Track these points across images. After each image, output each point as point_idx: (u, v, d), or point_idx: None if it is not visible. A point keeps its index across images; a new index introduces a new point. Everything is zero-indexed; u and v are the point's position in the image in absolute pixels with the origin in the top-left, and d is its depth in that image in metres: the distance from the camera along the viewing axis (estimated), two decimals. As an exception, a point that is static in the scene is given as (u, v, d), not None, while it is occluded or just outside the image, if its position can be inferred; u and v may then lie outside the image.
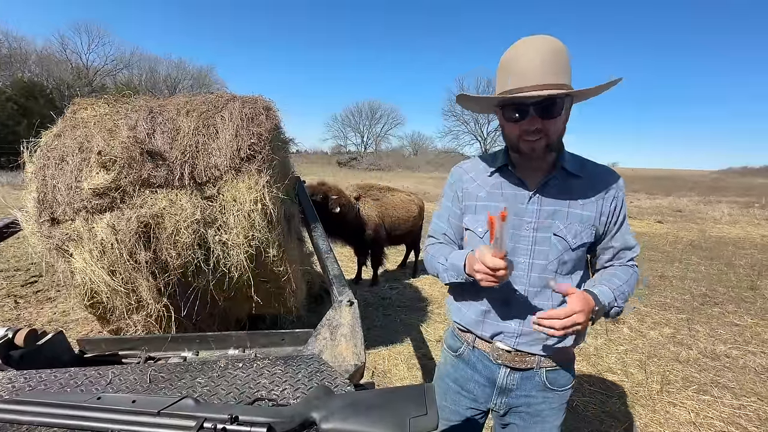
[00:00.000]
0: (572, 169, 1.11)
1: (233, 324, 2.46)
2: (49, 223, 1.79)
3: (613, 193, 1.12)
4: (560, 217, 1.10)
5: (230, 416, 0.67)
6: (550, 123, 1.01)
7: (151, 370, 0.90)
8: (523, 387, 1.21)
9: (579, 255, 1.13)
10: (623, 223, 1.15)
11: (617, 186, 1.13)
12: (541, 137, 1.02)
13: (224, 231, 1.90)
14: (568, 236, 1.09)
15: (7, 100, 20.29)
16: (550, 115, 1.00)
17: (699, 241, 8.34)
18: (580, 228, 1.09)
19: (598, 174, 1.13)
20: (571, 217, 1.10)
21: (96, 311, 1.94)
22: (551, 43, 0.98)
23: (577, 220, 1.10)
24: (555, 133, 1.04)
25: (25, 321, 3.34)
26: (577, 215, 1.10)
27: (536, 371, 1.19)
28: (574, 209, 1.10)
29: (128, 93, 2.23)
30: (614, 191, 1.12)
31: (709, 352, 3.47)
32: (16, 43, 29.91)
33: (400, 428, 0.66)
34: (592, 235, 1.11)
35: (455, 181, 1.28)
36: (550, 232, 1.10)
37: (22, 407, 0.72)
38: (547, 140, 1.03)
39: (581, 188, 1.11)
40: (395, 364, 3.11)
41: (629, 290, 1.13)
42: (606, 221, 1.12)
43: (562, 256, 1.11)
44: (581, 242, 1.10)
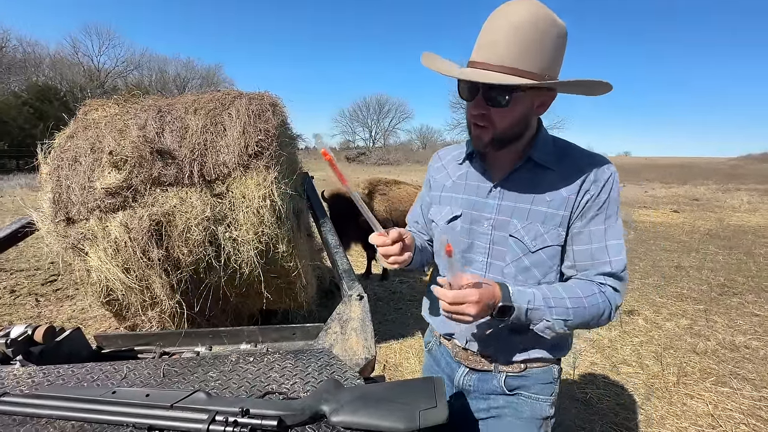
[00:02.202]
0: (542, 159, 0.93)
1: (246, 319, 2.49)
2: (64, 223, 1.83)
3: (589, 186, 0.90)
4: (519, 216, 0.94)
5: (241, 409, 0.68)
6: (497, 113, 0.85)
7: (164, 364, 0.92)
8: (480, 388, 1.07)
9: (544, 260, 0.94)
10: (595, 222, 0.91)
11: (597, 176, 0.90)
12: (487, 126, 0.88)
13: (234, 228, 1.92)
14: (525, 238, 0.93)
15: (23, 104, 20.83)
16: (495, 103, 0.84)
17: (717, 230, 8.13)
18: (542, 229, 0.92)
19: (577, 164, 0.92)
20: (532, 215, 0.93)
21: (112, 308, 1.98)
22: (530, 15, 0.77)
23: (539, 220, 0.92)
24: (502, 125, 0.87)
25: (46, 318, 3.44)
26: (541, 214, 0.92)
27: (494, 374, 1.04)
28: (538, 206, 0.93)
29: (137, 93, 2.26)
30: (591, 183, 0.90)
31: (727, 343, 3.39)
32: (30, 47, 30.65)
33: (409, 421, 0.66)
34: (560, 238, 0.92)
35: (429, 167, 1.20)
36: (507, 231, 0.95)
37: (41, 401, 0.74)
38: (492, 131, 0.87)
39: (552, 182, 0.92)
40: (406, 357, 3.12)
41: (578, 312, 0.86)
42: (570, 217, 0.92)
43: (521, 260, 0.95)
44: (543, 245, 0.92)
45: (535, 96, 0.87)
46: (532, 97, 0.86)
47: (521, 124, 0.90)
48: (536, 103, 0.88)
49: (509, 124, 0.87)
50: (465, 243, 1.02)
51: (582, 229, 0.91)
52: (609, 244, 0.90)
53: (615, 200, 0.92)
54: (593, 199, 0.90)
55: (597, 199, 0.90)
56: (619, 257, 0.90)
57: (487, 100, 0.84)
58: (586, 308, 0.87)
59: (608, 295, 0.89)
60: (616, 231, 0.92)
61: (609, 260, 0.90)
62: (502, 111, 0.85)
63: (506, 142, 0.91)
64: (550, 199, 0.91)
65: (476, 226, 1.00)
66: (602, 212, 0.90)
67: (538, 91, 0.86)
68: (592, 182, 0.90)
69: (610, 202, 0.91)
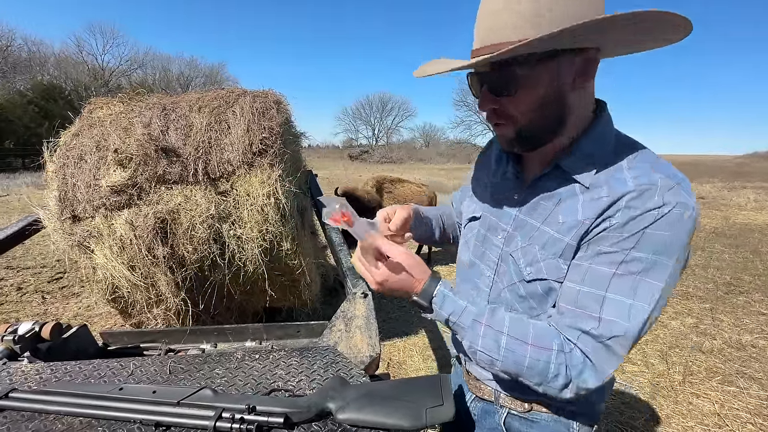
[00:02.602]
0: (573, 167, 0.69)
1: (250, 317, 2.50)
2: (70, 221, 1.84)
3: (615, 212, 0.63)
4: (524, 234, 0.75)
5: (248, 406, 0.68)
6: (509, 102, 0.67)
7: (170, 361, 0.92)
8: (483, 422, 0.91)
9: (540, 294, 0.73)
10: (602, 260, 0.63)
11: (636, 202, 0.61)
12: (506, 122, 0.70)
13: (238, 225, 1.92)
14: (521, 261, 0.74)
15: (28, 103, 21.00)
16: (501, 90, 0.67)
17: (723, 229, 8.06)
18: (539, 255, 0.71)
19: (619, 181, 0.64)
20: (536, 236, 0.72)
21: (118, 305, 1.99)
22: None
23: (539, 242, 0.71)
24: (522, 115, 0.68)
25: (52, 316, 3.47)
26: (544, 236, 0.71)
27: (495, 408, 0.87)
28: (546, 227, 0.71)
29: (142, 91, 2.27)
30: (621, 208, 0.62)
31: (734, 342, 3.37)
32: (35, 46, 30.84)
33: (416, 419, 0.65)
34: (558, 272, 0.69)
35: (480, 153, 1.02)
36: (510, 249, 0.77)
37: (49, 397, 0.74)
38: (513, 126, 0.70)
39: (576, 200, 0.68)
40: (410, 355, 3.12)
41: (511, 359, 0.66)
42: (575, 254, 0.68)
43: (517, 286, 0.76)
44: (538, 275, 0.71)
45: (563, 64, 0.63)
46: (557, 67, 0.63)
47: (549, 110, 0.67)
48: (566, 74, 0.64)
49: (530, 112, 0.67)
50: (479, 251, 0.86)
51: (581, 262, 0.66)
52: (609, 297, 0.62)
53: (658, 244, 0.60)
54: (614, 229, 0.62)
55: (620, 230, 0.62)
56: (619, 321, 0.61)
57: (491, 90, 0.68)
58: (525, 359, 0.65)
59: (570, 361, 0.63)
60: (632, 286, 0.61)
61: (598, 317, 0.62)
62: (513, 99, 0.67)
63: (539, 138, 0.71)
64: (562, 221, 0.69)
65: (491, 235, 0.84)
66: (620, 251, 0.61)
67: (563, 57, 0.63)
68: (622, 207, 0.62)
69: (644, 243, 0.60)
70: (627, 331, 0.61)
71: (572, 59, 0.64)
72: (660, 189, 0.61)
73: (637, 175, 0.64)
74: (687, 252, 0.63)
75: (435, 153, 46.94)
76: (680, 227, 0.60)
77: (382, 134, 59.35)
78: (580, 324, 0.64)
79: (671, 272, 0.61)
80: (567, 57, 0.63)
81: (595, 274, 0.64)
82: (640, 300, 0.61)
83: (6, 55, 26.83)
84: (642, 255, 0.60)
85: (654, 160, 0.67)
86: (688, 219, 0.60)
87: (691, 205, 0.61)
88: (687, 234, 0.61)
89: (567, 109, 0.68)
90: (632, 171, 0.65)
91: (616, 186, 0.64)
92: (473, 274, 0.88)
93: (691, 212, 0.60)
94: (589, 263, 0.65)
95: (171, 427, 0.69)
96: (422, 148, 53.27)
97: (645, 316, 0.61)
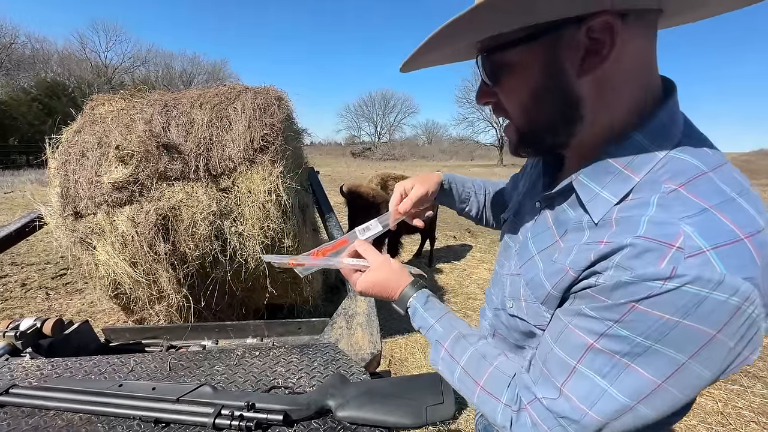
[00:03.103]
0: (586, 191, 0.52)
1: (252, 314, 2.50)
2: (72, 217, 1.84)
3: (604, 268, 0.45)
4: (521, 257, 0.63)
5: (247, 403, 0.68)
6: (500, 91, 0.55)
7: (171, 358, 0.92)
8: None
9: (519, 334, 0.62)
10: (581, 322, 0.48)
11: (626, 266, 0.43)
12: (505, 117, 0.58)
13: (240, 222, 1.92)
14: (507, 289, 0.64)
15: (32, 101, 21.09)
16: (490, 75, 0.54)
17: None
18: (522, 291, 0.59)
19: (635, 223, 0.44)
20: (527, 268, 0.60)
21: (120, 302, 2.00)
22: None
23: (527, 276, 0.59)
24: (514, 109, 0.55)
25: (56, 312, 3.50)
26: (533, 271, 0.57)
27: None
28: (541, 260, 0.57)
29: (144, 88, 2.27)
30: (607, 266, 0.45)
31: (738, 340, 3.35)
32: (39, 44, 30.93)
33: (416, 417, 0.65)
34: (538, 318, 0.56)
35: None
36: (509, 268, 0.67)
37: (49, 393, 0.74)
38: (513, 124, 0.57)
39: (575, 235, 0.52)
40: (412, 352, 3.12)
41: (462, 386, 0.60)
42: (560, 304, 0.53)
43: (500, 313, 0.66)
44: (518, 313, 0.60)
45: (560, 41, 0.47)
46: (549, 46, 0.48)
47: (548, 103, 0.51)
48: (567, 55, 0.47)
49: (521, 104, 0.54)
50: (501, 258, 0.74)
51: (561, 316, 0.51)
52: (580, 370, 0.47)
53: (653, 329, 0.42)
54: (600, 290, 0.45)
55: (607, 294, 0.44)
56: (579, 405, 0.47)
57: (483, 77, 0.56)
58: (474, 396, 0.58)
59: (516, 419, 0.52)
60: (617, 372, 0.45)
61: (560, 388, 0.49)
62: (504, 87, 0.54)
63: (537, 143, 0.57)
64: (555, 260, 0.53)
65: (512, 243, 0.70)
66: (602, 320, 0.45)
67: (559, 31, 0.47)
68: (614, 265, 0.44)
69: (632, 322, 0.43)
70: (584, 420, 0.46)
71: (574, 34, 0.46)
72: (676, 251, 0.40)
73: (658, 218, 0.43)
74: (724, 350, 0.41)
75: (438, 150, 46.87)
76: (699, 315, 0.40)
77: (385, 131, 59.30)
78: (539, 388, 0.52)
79: (681, 370, 0.42)
80: (567, 31, 0.46)
81: (570, 338, 0.49)
82: (618, 389, 0.44)
83: (10, 52, 26.94)
84: (627, 335, 0.43)
85: (722, 194, 0.43)
86: (720, 305, 0.39)
87: (731, 284, 0.39)
88: (714, 326, 0.40)
89: (575, 101, 0.50)
90: (659, 210, 0.44)
91: (624, 229, 0.45)
92: (492, 281, 0.78)
93: (727, 296, 0.39)
94: (567, 320, 0.50)
95: (170, 423, 0.69)
96: (425, 145, 53.21)
97: (617, 408, 0.45)
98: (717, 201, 0.42)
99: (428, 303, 0.67)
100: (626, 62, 0.47)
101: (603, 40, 0.45)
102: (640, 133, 0.48)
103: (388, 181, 4.96)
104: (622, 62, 0.47)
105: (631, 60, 0.47)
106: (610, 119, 0.51)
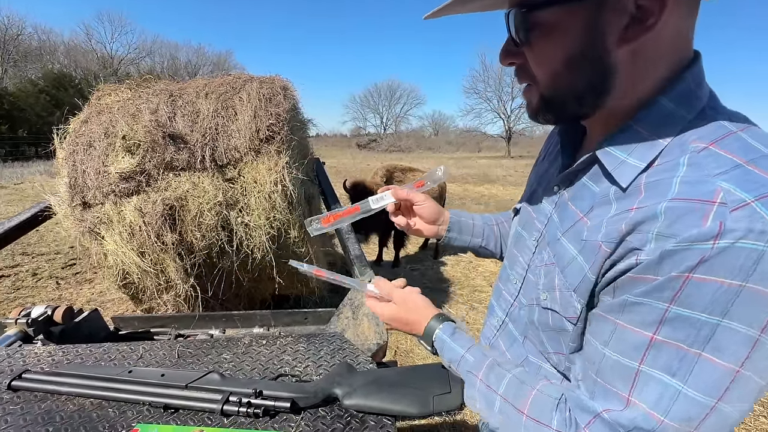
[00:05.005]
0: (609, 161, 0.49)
1: (258, 304, 2.53)
2: (81, 207, 1.86)
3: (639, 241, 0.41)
4: (552, 242, 0.58)
5: (254, 391, 0.68)
6: (529, 53, 0.52)
7: (179, 346, 0.93)
8: None
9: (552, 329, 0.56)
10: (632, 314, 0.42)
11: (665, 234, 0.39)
12: (531, 83, 0.55)
13: (246, 213, 1.93)
14: (542, 280, 0.58)
15: (40, 92, 21.24)
16: (520, 34, 0.50)
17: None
18: (557, 280, 0.53)
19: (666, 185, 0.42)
20: (560, 253, 0.54)
21: (129, 291, 2.02)
22: None
23: (562, 262, 0.53)
24: (544, 73, 0.52)
25: (66, 301, 3.56)
26: (567, 255, 0.52)
27: None
28: (569, 242, 0.53)
29: (149, 77, 2.26)
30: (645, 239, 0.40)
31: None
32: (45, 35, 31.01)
33: (423, 406, 0.65)
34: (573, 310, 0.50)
35: None
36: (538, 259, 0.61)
37: (61, 378, 0.75)
38: (537, 88, 0.54)
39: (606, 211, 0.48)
40: (417, 344, 3.14)
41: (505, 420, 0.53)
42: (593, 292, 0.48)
43: (533, 309, 0.59)
44: (551, 305, 0.54)
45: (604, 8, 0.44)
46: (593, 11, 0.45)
47: (581, 69, 0.48)
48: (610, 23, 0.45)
49: (552, 69, 0.50)
50: (512, 253, 0.71)
51: (606, 314, 0.45)
52: (645, 371, 0.41)
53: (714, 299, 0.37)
54: (645, 268, 0.40)
55: (654, 271, 0.40)
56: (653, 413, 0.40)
57: (513, 35, 0.52)
58: (521, 427, 0.50)
59: None
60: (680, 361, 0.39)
61: (627, 398, 0.42)
62: (533, 48, 0.50)
63: (563, 108, 0.53)
64: (585, 239, 0.49)
65: (526, 234, 0.67)
66: (655, 304, 0.40)
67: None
68: (653, 235, 0.40)
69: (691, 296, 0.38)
70: (659, 429, 0.40)
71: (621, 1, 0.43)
72: (718, 206, 0.37)
73: (691, 177, 0.40)
74: None
75: (444, 142, 46.50)
76: (762, 274, 0.35)
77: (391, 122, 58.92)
78: (598, 402, 0.45)
79: (757, 348, 0.37)
80: None
81: (624, 338, 0.43)
82: (694, 386, 0.38)
83: (17, 44, 27.04)
84: (689, 314, 0.38)
85: (755, 151, 0.40)
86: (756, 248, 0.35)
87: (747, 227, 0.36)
88: None
89: (609, 72, 0.47)
90: (691, 169, 0.41)
91: (656, 193, 0.42)
92: (500, 278, 0.75)
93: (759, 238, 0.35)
94: (614, 318, 0.44)
95: (179, 409, 0.69)
96: (431, 136, 52.81)
97: (697, 410, 0.39)
98: (751, 156, 0.40)
99: (456, 334, 0.63)
100: (667, 35, 0.45)
101: (651, 9, 0.42)
102: (666, 97, 0.47)
103: (395, 173, 4.93)
104: (663, 34, 0.44)
105: (671, 32, 0.45)
106: (641, 91, 0.48)
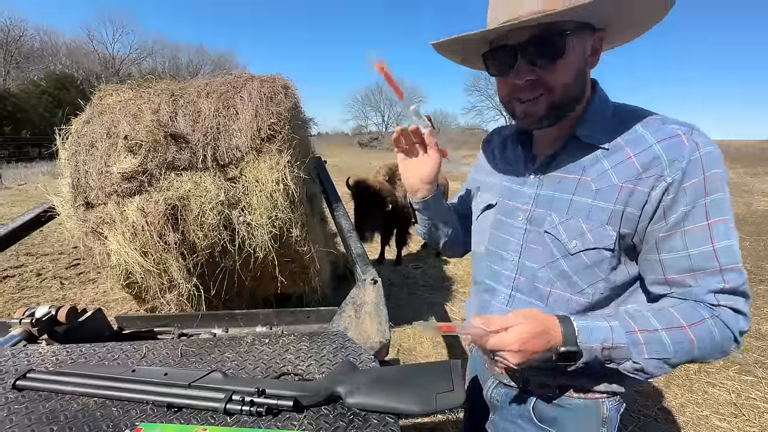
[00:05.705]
0: (589, 136, 0.74)
1: (261, 303, 2.53)
2: (83, 207, 1.86)
3: (661, 171, 0.66)
4: (558, 209, 0.76)
5: (257, 389, 0.68)
6: (550, 71, 0.69)
7: (182, 345, 0.93)
8: (509, 409, 0.90)
9: (587, 265, 0.73)
10: (692, 219, 0.66)
11: (672, 154, 0.66)
12: (541, 94, 0.71)
13: (248, 212, 1.93)
14: (563, 235, 0.74)
15: (42, 93, 21.35)
16: (545, 57, 0.68)
17: (745, 216, 7.83)
18: (585, 226, 0.72)
19: (639, 139, 0.70)
20: (574, 208, 0.74)
21: (132, 291, 2.03)
22: None
23: (582, 214, 0.72)
24: (561, 85, 0.70)
25: (70, 300, 3.58)
26: (584, 207, 0.72)
27: (523, 394, 0.87)
28: (581, 197, 0.73)
29: (150, 77, 2.26)
30: (665, 166, 0.66)
31: (753, 331, 3.29)
32: (47, 36, 31.14)
33: (426, 404, 0.64)
34: (609, 239, 0.70)
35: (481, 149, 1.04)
36: (542, 227, 0.78)
37: (65, 378, 0.75)
38: (550, 97, 0.71)
39: (601, 165, 0.72)
40: (420, 342, 3.14)
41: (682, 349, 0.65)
42: (639, 218, 0.69)
43: (559, 263, 0.76)
44: (585, 246, 0.72)
45: (586, 39, 0.70)
46: (582, 40, 0.69)
47: (579, 81, 0.72)
48: (587, 49, 0.71)
49: (567, 81, 0.70)
50: (496, 238, 0.87)
51: (672, 231, 0.67)
52: (718, 247, 0.64)
53: (717, 185, 0.65)
54: (675, 187, 0.65)
55: (682, 187, 0.65)
56: (735, 265, 0.65)
57: (531, 61, 0.68)
58: (694, 342, 0.64)
59: (727, 321, 0.65)
60: (725, 229, 0.65)
61: (720, 269, 0.65)
62: (555, 68, 0.68)
63: (564, 110, 0.73)
64: (596, 188, 0.71)
65: (510, 219, 0.84)
66: (699, 204, 0.64)
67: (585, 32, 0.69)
68: (666, 164, 0.65)
69: (710, 188, 0.64)
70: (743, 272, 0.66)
71: (590, 36, 0.71)
72: (685, 135, 0.66)
73: (654, 130, 0.69)
74: None
75: (446, 140, 46.32)
76: (720, 158, 0.66)
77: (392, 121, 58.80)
78: (711, 284, 0.66)
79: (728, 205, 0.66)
80: (587, 33, 0.70)
81: (693, 235, 0.65)
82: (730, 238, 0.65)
83: (19, 45, 27.16)
84: (714, 200, 0.64)
85: (657, 115, 0.72)
86: (717, 149, 0.66)
87: (705, 141, 0.66)
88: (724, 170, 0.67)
89: (585, 85, 0.75)
90: (646, 128, 0.70)
91: (639, 143, 0.69)
92: (492, 261, 0.88)
93: (711, 149, 0.66)
94: (681, 229, 0.66)
95: (182, 408, 0.69)
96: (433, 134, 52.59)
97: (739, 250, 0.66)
98: (659, 117, 0.72)
99: (587, 316, 0.72)
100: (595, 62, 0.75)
101: (598, 48, 0.74)
102: (597, 98, 0.77)
103: (397, 171, 4.90)
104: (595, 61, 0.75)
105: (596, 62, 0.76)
106: (587, 95, 0.77)
